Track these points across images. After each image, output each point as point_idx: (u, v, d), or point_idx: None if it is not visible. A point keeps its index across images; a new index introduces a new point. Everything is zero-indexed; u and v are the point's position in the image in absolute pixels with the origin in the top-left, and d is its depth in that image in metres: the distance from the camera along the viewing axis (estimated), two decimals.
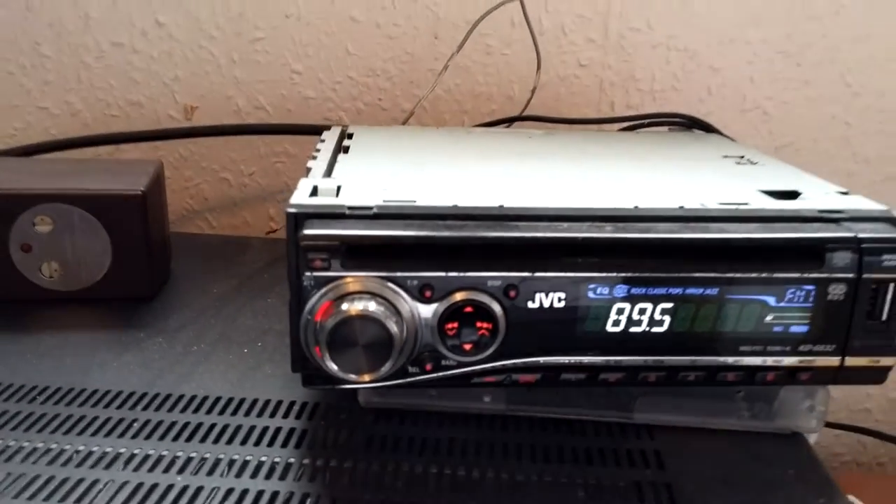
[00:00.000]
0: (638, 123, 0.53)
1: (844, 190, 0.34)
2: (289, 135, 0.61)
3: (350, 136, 0.43)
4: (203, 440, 0.30)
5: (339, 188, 0.31)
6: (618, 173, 0.37)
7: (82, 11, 0.62)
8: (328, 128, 0.47)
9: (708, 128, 0.51)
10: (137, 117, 0.64)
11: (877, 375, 0.30)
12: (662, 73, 0.62)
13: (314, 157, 0.37)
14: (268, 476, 0.28)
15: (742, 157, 0.41)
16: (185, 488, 0.27)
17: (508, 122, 0.57)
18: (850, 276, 0.28)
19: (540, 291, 0.28)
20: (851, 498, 0.56)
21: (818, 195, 0.33)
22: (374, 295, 0.27)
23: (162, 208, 0.43)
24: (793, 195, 0.33)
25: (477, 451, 0.31)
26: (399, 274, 0.27)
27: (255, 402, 0.33)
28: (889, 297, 0.29)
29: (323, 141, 0.41)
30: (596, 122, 0.55)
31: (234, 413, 0.32)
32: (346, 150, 0.39)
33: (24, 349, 0.36)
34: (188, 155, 0.65)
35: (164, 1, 0.61)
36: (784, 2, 0.60)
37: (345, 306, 0.26)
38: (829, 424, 0.67)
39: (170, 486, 0.27)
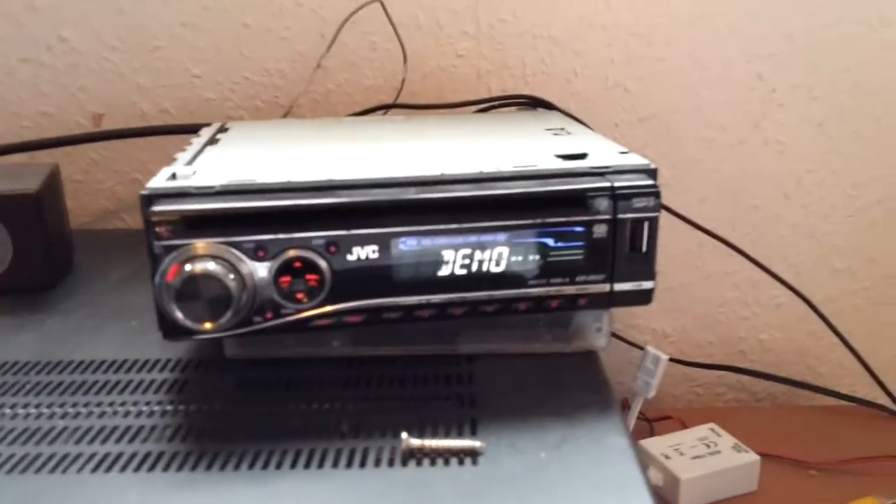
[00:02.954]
0: (489, 106, 0.59)
1: (625, 150, 0.41)
2: (185, 134, 0.66)
3: (226, 130, 0.49)
4: (87, 392, 0.36)
5: (194, 173, 0.36)
6: (443, 147, 0.44)
7: None
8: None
9: (549, 106, 0.58)
10: (49, 127, 0.68)
11: (642, 297, 0.37)
12: (531, 59, 0.69)
13: (184, 150, 0.42)
14: (153, 415, 0.34)
15: (562, 129, 0.48)
16: (77, 428, 0.33)
17: (384, 109, 0.63)
18: (608, 217, 0.35)
19: (356, 246, 0.34)
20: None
21: (602, 155, 0.40)
22: (214, 257, 0.33)
23: (59, 206, 0.48)
24: (581, 157, 0.39)
25: (332, 385, 0.37)
26: (235, 239, 0.33)
27: (136, 361, 0.38)
28: (646, 232, 0.36)
29: (199, 136, 0.47)
30: (453, 106, 0.61)
31: (117, 371, 0.37)
32: (217, 142, 0.45)
33: None
34: (99, 159, 0.69)
35: (65, 17, 0.66)
36: None
37: (188, 267, 0.32)
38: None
39: (64, 428, 0.33)
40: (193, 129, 0.66)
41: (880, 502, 0.55)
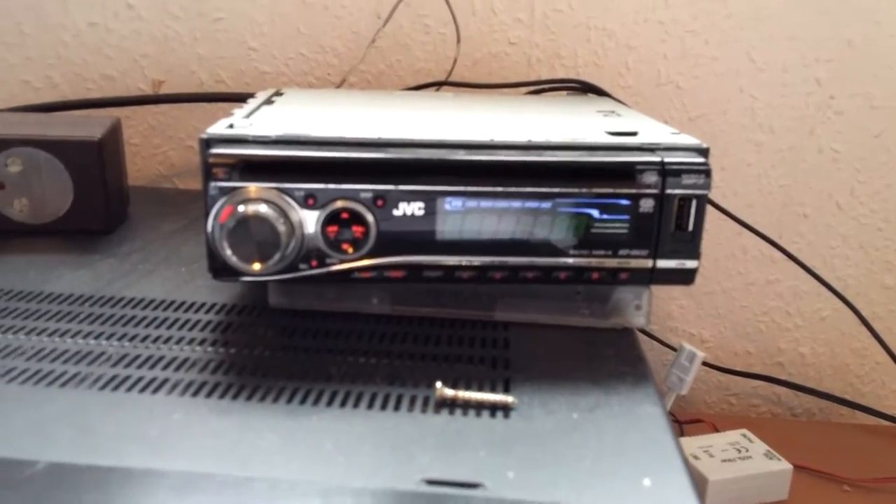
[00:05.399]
0: (539, 88, 0.59)
1: (676, 131, 0.40)
2: (240, 102, 0.68)
3: (281, 95, 0.50)
4: (138, 325, 0.37)
5: (251, 125, 0.38)
6: (493, 118, 0.44)
7: None
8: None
9: (600, 92, 0.58)
10: (110, 90, 0.71)
11: (685, 276, 0.37)
12: (584, 51, 0.69)
13: (241, 108, 0.44)
14: (198, 349, 0.35)
15: (612, 111, 0.48)
16: (126, 354, 0.34)
17: (436, 85, 0.63)
18: (656, 192, 0.35)
19: (403, 201, 0.35)
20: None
21: (653, 133, 0.39)
22: (266, 201, 0.34)
23: (119, 157, 0.50)
24: (632, 134, 0.39)
25: (370, 338, 0.37)
26: (287, 185, 0.34)
27: (184, 302, 0.40)
28: (693, 210, 0.36)
29: (254, 97, 0.48)
30: (504, 86, 0.61)
31: (166, 309, 0.39)
32: (272, 103, 0.46)
33: None
34: (156, 125, 0.72)
35: None
36: None
37: (241, 208, 0.33)
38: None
39: (114, 353, 0.34)
40: (242, 99, 0.69)
41: None
